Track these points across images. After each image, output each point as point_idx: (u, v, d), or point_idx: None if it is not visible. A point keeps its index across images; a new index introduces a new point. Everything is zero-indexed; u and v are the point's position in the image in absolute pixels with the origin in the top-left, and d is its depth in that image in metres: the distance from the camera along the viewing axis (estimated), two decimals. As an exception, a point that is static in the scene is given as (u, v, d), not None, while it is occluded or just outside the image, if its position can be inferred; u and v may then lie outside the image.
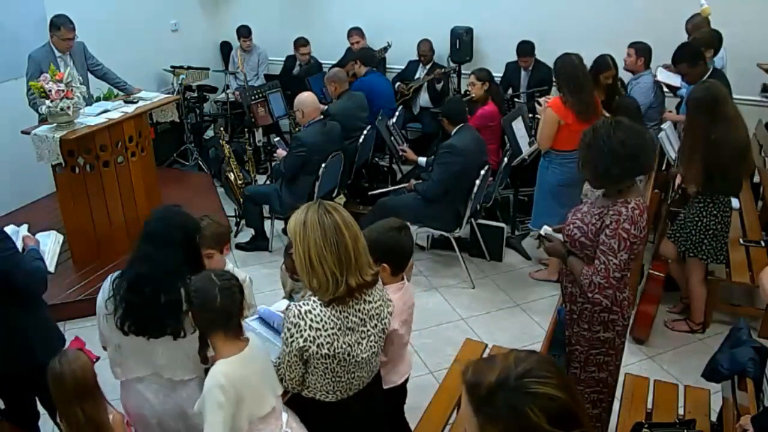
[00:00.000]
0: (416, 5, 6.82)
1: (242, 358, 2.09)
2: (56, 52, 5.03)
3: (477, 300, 4.58)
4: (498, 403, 1.16)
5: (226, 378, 2.03)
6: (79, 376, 2.16)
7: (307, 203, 2.07)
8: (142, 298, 2.27)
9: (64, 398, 2.17)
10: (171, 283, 2.29)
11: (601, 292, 2.46)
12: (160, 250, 2.31)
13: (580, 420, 1.18)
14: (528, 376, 1.17)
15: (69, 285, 4.49)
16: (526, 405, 1.14)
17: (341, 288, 2.00)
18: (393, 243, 2.42)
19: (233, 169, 5.72)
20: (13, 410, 2.92)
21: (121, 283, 2.32)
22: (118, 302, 2.30)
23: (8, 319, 2.68)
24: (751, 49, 5.20)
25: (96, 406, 2.20)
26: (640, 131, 2.48)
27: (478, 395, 1.19)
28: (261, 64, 7.36)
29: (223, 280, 2.10)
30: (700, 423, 2.79)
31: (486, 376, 1.19)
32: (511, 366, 1.19)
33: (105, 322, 2.38)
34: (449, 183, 4.52)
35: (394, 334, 2.45)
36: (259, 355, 2.18)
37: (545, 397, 1.15)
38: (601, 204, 2.51)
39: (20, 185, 5.57)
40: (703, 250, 3.87)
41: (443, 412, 2.84)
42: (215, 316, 2.08)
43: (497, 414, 1.16)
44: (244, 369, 2.08)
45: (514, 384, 1.17)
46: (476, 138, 4.67)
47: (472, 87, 5.31)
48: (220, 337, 2.10)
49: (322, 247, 1.97)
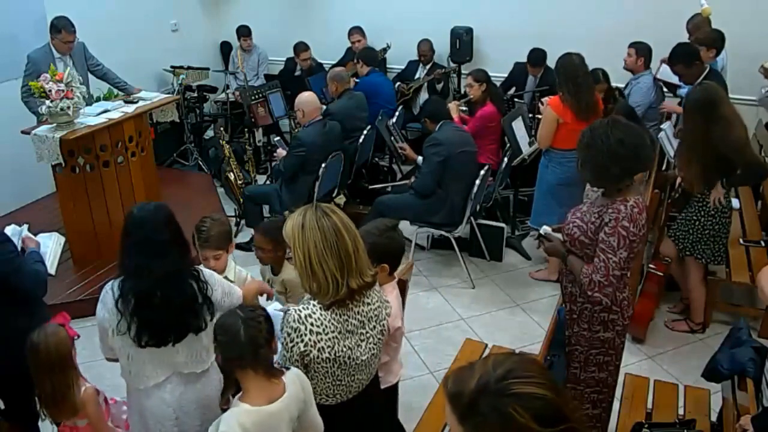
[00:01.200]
0: (416, 5, 6.82)
1: (268, 412, 1.91)
2: (56, 53, 5.02)
3: (477, 300, 4.58)
4: (482, 409, 1.14)
5: (242, 428, 1.87)
6: (53, 351, 2.34)
7: (303, 207, 2.05)
8: (154, 310, 2.22)
9: (36, 367, 2.35)
10: (178, 282, 2.26)
11: (600, 290, 2.46)
12: (155, 259, 2.22)
13: (568, 416, 1.17)
14: (508, 378, 1.16)
15: (69, 285, 4.49)
16: (509, 406, 1.12)
17: (342, 290, 1.98)
18: (391, 243, 2.49)
19: (233, 169, 5.72)
20: (13, 410, 2.92)
21: (127, 300, 2.24)
22: (129, 320, 2.24)
23: (8, 320, 2.68)
24: (751, 49, 5.19)
25: (65, 380, 2.37)
26: (638, 130, 2.50)
27: (461, 404, 1.17)
28: (261, 64, 7.36)
29: (247, 312, 1.99)
30: (700, 423, 2.79)
31: (466, 383, 1.18)
32: (490, 370, 1.18)
33: (112, 336, 2.31)
34: (437, 174, 4.60)
35: (398, 332, 2.50)
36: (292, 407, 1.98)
37: (528, 396, 1.14)
38: (601, 203, 2.52)
39: (20, 185, 5.57)
40: (700, 250, 3.88)
41: (443, 412, 2.82)
42: (241, 351, 1.92)
43: (482, 420, 1.14)
44: (263, 425, 1.91)
45: (495, 387, 1.15)
46: (457, 129, 4.81)
47: (470, 88, 5.33)
48: (250, 375, 1.94)
49: (322, 251, 1.95)
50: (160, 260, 2.23)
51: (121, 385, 2.90)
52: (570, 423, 1.16)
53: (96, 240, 4.69)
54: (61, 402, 2.40)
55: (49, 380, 2.37)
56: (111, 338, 2.33)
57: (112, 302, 2.28)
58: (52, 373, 2.36)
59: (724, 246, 3.92)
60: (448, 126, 4.74)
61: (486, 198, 5.05)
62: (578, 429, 1.18)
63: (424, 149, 4.70)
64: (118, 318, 2.25)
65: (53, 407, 2.41)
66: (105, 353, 2.44)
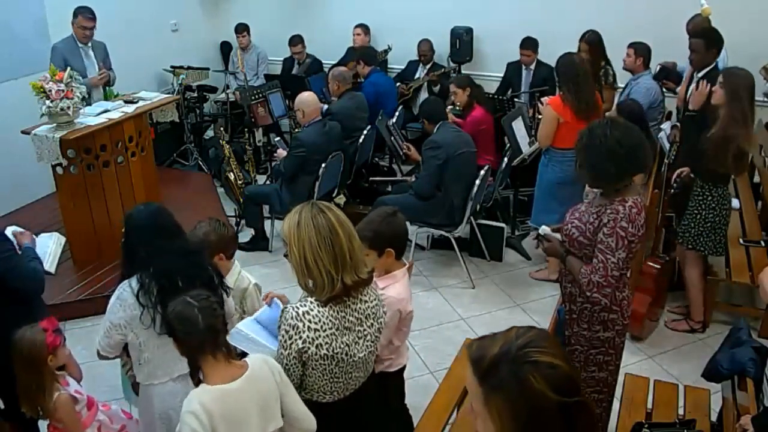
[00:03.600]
0: (416, 5, 6.82)
1: (227, 390, 1.95)
2: (78, 43, 5.18)
3: (477, 300, 4.58)
4: (501, 373, 1.21)
5: (202, 407, 1.91)
6: (26, 351, 2.45)
7: (300, 205, 2.07)
8: (178, 293, 2.20)
9: (15, 359, 2.46)
10: (197, 260, 2.33)
11: (599, 290, 2.46)
12: (173, 240, 2.34)
13: (580, 389, 1.24)
14: (529, 347, 1.22)
15: (69, 285, 4.49)
16: (528, 372, 1.19)
17: (337, 286, 2.00)
18: (394, 228, 2.57)
19: (233, 169, 5.72)
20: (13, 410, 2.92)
21: (149, 290, 2.28)
22: (153, 311, 2.27)
23: (7, 319, 2.68)
24: (751, 49, 5.19)
25: (35, 381, 2.45)
26: (636, 130, 2.50)
27: (482, 367, 1.24)
28: (260, 63, 7.36)
29: (201, 300, 2.02)
30: (700, 423, 2.78)
31: (489, 349, 1.25)
32: (512, 338, 1.25)
33: (134, 335, 2.36)
34: (436, 176, 4.60)
35: (409, 316, 2.63)
36: (257, 387, 2.00)
37: (546, 365, 1.20)
38: (599, 203, 2.52)
39: (20, 185, 5.56)
40: (702, 243, 3.90)
41: (443, 412, 2.84)
42: (202, 338, 1.97)
43: (501, 384, 1.21)
44: (225, 402, 1.94)
45: (516, 354, 1.22)
46: (456, 131, 4.80)
47: (455, 96, 5.36)
48: (209, 361, 1.98)
49: (317, 247, 1.97)
50: (177, 240, 2.35)
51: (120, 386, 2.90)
52: (581, 396, 1.23)
53: (96, 240, 4.69)
54: (32, 400, 2.49)
55: (21, 377, 2.47)
56: (131, 337, 2.37)
57: (132, 298, 2.31)
58: (26, 371, 2.46)
59: (724, 236, 3.95)
60: (445, 127, 4.74)
61: (486, 198, 5.05)
62: (588, 403, 1.26)
63: (423, 152, 4.70)
64: (140, 312, 2.29)
65: (25, 402, 2.51)
66: (105, 352, 2.45)
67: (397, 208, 2.67)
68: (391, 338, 2.60)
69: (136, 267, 2.35)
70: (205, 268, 2.37)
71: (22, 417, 2.90)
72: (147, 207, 2.49)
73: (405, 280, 2.63)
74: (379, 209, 2.66)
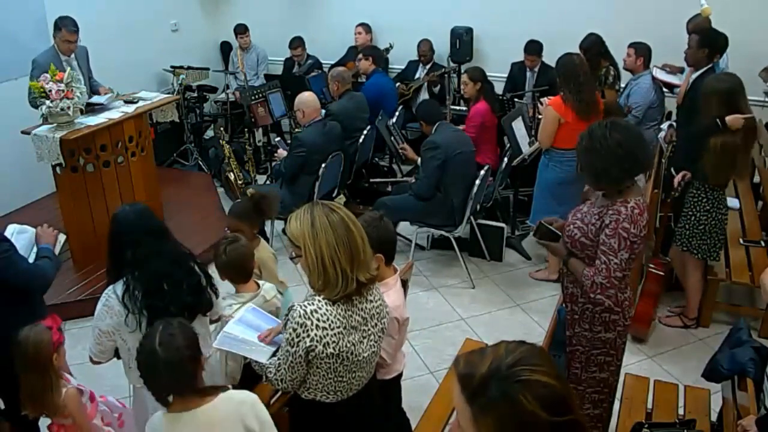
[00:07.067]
0: (416, 5, 6.82)
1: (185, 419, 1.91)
2: (60, 55, 4.98)
3: (477, 300, 4.58)
4: (491, 393, 1.17)
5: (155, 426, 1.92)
6: (31, 351, 2.38)
7: (306, 205, 2.05)
8: (164, 296, 2.24)
9: (17, 361, 2.41)
10: (185, 263, 2.31)
11: (603, 292, 2.46)
12: (162, 242, 2.31)
13: (573, 408, 1.20)
14: (519, 365, 1.19)
15: (69, 285, 4.49)
16: (519, 392, 1.15)
17: (351, 285, 1.99)
18: (382, 233, 2.54)
19: (233, 169, 5.72)
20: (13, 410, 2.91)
21: (133, 294, 2.26)
22: (138, 315, 2.26)
23: (7, 318, 2.67)
24: (751, 50, 5.19)
25: (42, 381, 2.41)
26: (637, 131, 2.51)
27: (470, 386, 1.20)
28: (260, 63, 7.36)
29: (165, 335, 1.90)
30: (700, 423, 2.79)
31: (478, 366, 1.21)
32: (502, 356, 1.21)
33: (124, 344, 2.35)
34: (436, 177, 4.60)
35: (405, 323, 2.63)
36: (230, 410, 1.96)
37: (537, 384, 1.16)
38: (601, 204, 2.52)
39: (20, 185, 5.57)
40: (696, 246, 3.89)
41: (443, 412, 2.83)
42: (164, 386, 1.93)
43: (491, 403, 1.17)
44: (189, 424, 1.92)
45: (506, 373, 1.18)
46: (454, 130, 4.81)
47: (465, 86, 5.37)
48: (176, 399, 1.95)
49: (335, 247, 1.96)
50: (164, 241, 2.32)
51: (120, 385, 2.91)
52: (574, 415, 1.20)
53: (96, 240, 4.67)
54: (39, 401, 2.46)
55: (26, 378, 2.43)
56: (120, 342, 2.36)
57: (118, 304, 2.30)
58: (30, 372, 2.42)
59: (720, 242, 3.92)
60: (444, 128, 4.73)
61: (486, 198, 5.05)
62: (581, 422, 1.22)
63: (422, 152, 4.70)
64: (125, 315, 2.27)
65: (30, 403, 2.48)
66: (97, 357, 2.46)
67: (384, 213, 2.65)
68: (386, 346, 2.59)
69: (123, 270, 2.33)
70: (192, 272, 2.33)
71: (22, 417, 2.91)
72: (133, 207, 2.44)
73: (398, 287, 2.62)
74: (365, 215, 2.63)
